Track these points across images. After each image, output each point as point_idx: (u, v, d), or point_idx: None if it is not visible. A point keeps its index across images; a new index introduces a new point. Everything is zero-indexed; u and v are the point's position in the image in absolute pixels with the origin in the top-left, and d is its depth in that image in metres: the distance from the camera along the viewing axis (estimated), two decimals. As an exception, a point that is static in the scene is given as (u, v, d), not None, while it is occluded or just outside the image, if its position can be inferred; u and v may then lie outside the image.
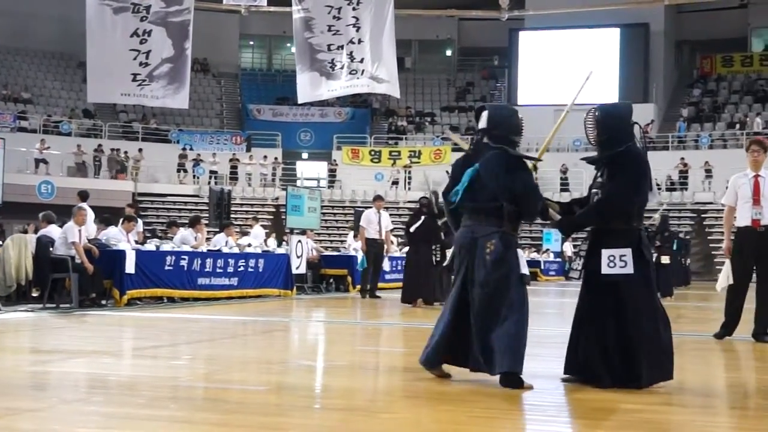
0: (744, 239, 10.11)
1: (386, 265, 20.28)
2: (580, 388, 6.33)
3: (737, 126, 44.59)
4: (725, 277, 10.21)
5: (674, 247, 27.24)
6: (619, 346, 6.36)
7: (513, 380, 6.16)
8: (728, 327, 10.27)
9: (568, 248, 35.92)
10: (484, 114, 6.67)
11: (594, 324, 6.44)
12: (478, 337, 6.32)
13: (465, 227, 6.55)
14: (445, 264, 6.99)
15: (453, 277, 6.69)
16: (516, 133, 6.62)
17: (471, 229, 6.48)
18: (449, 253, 7.29)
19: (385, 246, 19.07)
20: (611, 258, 6.41)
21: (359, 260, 19.50)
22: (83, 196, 16.73)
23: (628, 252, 6.42)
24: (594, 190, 6.67)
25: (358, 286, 21.55)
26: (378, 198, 19.39)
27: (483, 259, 6.35)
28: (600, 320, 6.43)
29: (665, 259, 21.44)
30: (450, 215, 6.80)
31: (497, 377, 6.24)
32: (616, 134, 6.56)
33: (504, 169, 6.39)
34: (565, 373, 6.61)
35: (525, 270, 6.41)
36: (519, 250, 6.51)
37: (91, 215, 15.72)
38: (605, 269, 6.40)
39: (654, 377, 6.40)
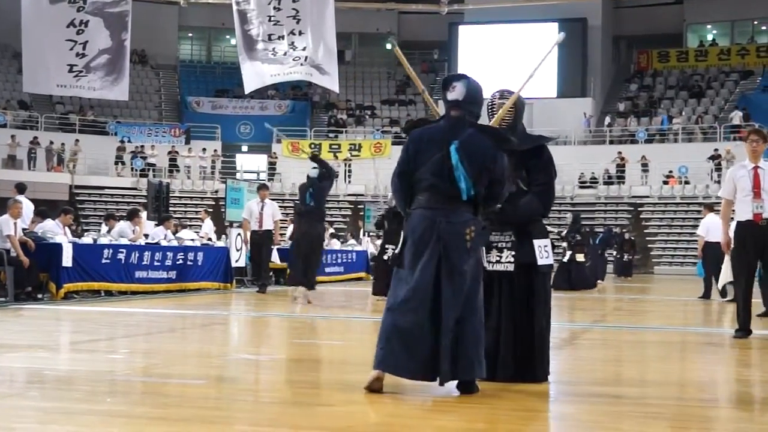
0: (746, 234, 9.72)
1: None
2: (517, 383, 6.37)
3: (672, 120, 45.20)
4: (727, 274, 9.99)
5: (597, 242, 27.67)
6: (531, 339, 6.26)
7: (473, 386, 5.81)
8: (746, 325, 9.89)
9: None
10: (461, 84, 5.95)
11: (526, 317, 6.29)
12: (449, 337, 5.60)
13: (430, 210, 5.77)
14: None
15: (412, 267, 5.75)
16: (480, 115, 6.17)
17: (441, 212, 5.74)
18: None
19: (274, 237, 18.09)
20: (540, 248, 6.32)
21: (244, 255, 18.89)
22: (20, 188, 16.54)
23: (549, 243, 6.41)
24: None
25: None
26: (262, 187, 18.74)
27: (464, 248, 5.71)
28: (529, 312, 6.29)
29: (580, 257, 21.74)
30: (404, 195, 5.97)
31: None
32: (520, 122, 6.54)
33: (491, 150, 5.85)
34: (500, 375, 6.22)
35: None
36: None
37: (30, 207, 15.56)
38: (541, 260, 6.30)
39: (546, 372, 6.33)
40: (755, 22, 51.33)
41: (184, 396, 5.73)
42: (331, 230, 26.68)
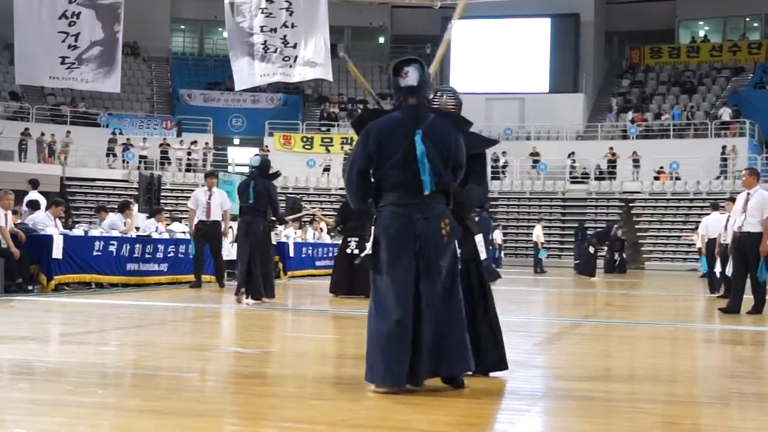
0: None
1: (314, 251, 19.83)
2: (507, 375, 6.38)
3: (662, 116, 45.28)
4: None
5: (579, 237, 27.88)
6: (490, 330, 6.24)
7: (458, 381, 5.74)
8: None
9: (498, 236, 32.18)
10: (414, 69, 5.67)
11: (488, 311, 6.24)
12: (434, 336, 5.52)
13: (402, 207, 5.59)
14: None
15: (391, 268, 5.58)
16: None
17: (416, 209, 5.57)
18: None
19: (223, 227, 16.67)
20: (481, 243, 6.25)
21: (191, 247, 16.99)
22: (34, 184, 16.66)
23: (481, 238, 6.37)
24: None
25: (290, 273, 21.46)
26: (210, 175, 17.40)
27: (441, 244, 5.58)
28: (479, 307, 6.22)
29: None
30: (364, 194, 5.73)
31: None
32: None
33: (453, 134, 5.68)
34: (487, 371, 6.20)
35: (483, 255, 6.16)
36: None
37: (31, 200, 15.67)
38: (483, 255, 6.22)
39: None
40: (747, 19, 51.39)
41: (175, 388, 5.73)
42: (322, 224, 26.58)
